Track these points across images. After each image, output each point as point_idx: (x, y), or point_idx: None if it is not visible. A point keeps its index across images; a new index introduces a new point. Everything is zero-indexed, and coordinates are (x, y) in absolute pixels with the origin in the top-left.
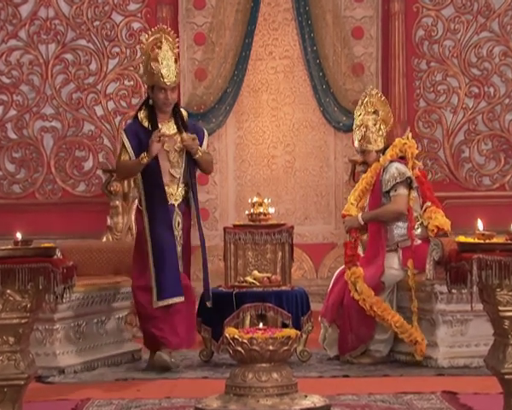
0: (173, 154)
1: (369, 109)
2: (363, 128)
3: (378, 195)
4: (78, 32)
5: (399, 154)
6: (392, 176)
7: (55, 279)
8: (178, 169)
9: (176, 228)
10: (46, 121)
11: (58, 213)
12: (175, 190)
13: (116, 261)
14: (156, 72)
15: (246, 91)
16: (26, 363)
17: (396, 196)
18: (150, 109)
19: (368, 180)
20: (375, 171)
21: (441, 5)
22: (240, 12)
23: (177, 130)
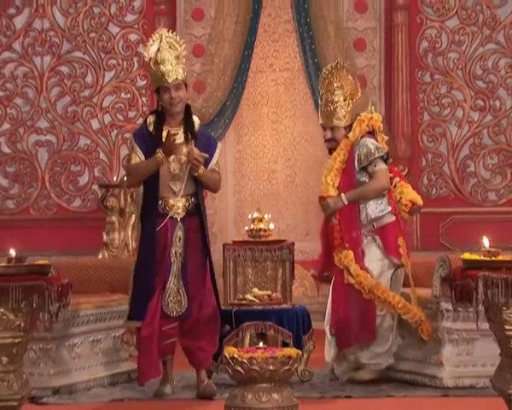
0: (176, 166)
1: (336, 84)
2: (331, 104)
3: (351, 172)
4: (74, 43)
5: (366, 129)
6: (370, 151)
7: (50, 297)
8: (178, 182)
9: (175, 244)
10: (41, 135)
11: (53, 229)
12: (176, 202)
13: (112, 279)
14: (157, 72)
15: (245, 104)
16: (20, 384)
17: (377, 171)
18: (159, 115)
19: (341, 158)
20: (347, 148)
21: (445, 16)
22: (239, 23)
23: (185, 139)
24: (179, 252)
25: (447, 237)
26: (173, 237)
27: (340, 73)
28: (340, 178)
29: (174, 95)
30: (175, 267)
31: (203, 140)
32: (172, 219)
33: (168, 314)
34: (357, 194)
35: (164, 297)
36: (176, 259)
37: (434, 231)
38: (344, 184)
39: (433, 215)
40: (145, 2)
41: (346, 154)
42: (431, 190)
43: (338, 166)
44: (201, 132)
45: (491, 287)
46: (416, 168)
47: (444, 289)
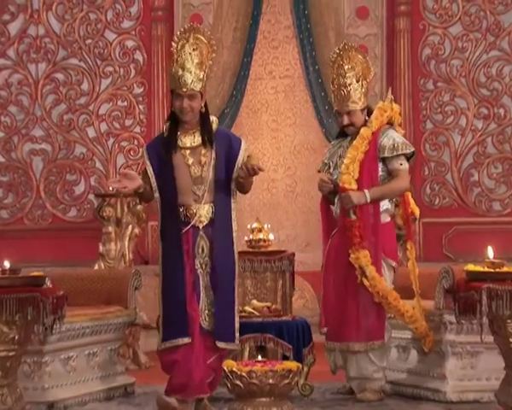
0: (197, 168)
1: (347, 66)
2: (344, 88)
3: (373, 166)
4: (70, 50)
5: (386, 120)
6: (397, 145)
7: (45, 310)
8: (202, 186)
9: (199, 255)
10: (35, 144)
11: (48, 239)
12: (199, 209)
13: (108, 291)
14: (174, 74)
15: (245, 112)
16: (14, 398)
17: (402, 170)
18: (173, 118)
19: (363, 149)
20: (368, 138)
21: (448, 23)
22: (238, 30)
23: (202, 142)
24: (204, 263)
25: (450, 248)
26: (195, 247)
27: (349, 54)
28: (360, 170)
29: (186, 104)
30: (204, 280)
31: (224, 140)
32: (194, 228)
33: (207, 330)
34: (381, 192)
35: (201, 312)
36: (202, 271)
37: (437, 241)
38: (366, 179)
39: (436, 225)
40: (142, 8)
41: (367, 145)
42: (434, 199)
43: (360, 157)
44: (222, 132)
45: (496, 299)
46: (419, 177)
47: (447, 301)
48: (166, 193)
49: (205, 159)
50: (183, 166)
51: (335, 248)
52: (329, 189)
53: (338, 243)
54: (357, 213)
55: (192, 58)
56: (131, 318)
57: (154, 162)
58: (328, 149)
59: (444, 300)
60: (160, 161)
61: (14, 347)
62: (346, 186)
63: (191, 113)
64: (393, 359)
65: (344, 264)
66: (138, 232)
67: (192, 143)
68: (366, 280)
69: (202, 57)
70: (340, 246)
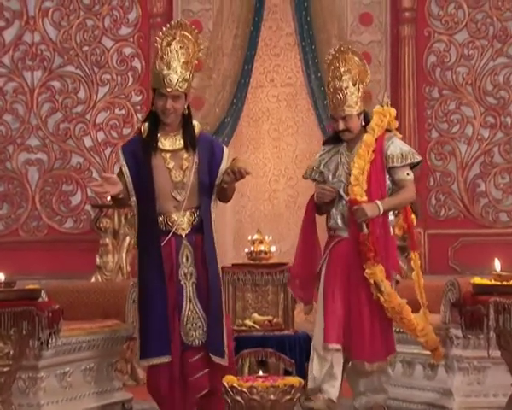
0: (178, 172)
1: (343, 68)
2: (340, 91)
3: (381, 176)
4: (66, 57)
5: (385, 126)
6: (405, 154)
7: (40, 324)
8: (183, 191)
9: (183, 264)
10: (31, 153)
11: (43, 251)
12: (180, 216)
13: (106, 304)
14: (158, 72)
15: (245, 121)
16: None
17: (409, 180)
18: (153, 118)
19: (369, 158)
20: (372, 145)
21: (454, 29)
22: (239, 37)
23: (184, 146)
24: (189, 273)
25: (456, 260)
26: (179, 256)
27: (345, 56)
28: (368, 181)
29: (169, 105)
30: (187, 290)
31: (206, 145)
32: (177, 237)
33: (190, 345)
34: (393, 203)
35: (182, 326)
36: (187, 281)
37: (443, 253)
38: (375, 190)
39: (441, 237)
40: (140, 14)
41: (371, 153)
42: (439, 210)
43: (367, 167)
44: (204, 136)
45: (503, 313)
46: (424, 188)
47: (453, 315)
48: (144, 198)
49: (187, 164)
50: (162, 169)
51: (342, 263)
52: (332, 198)
53: (345, 258)
54: (369, 227)
55: (178, 57)
56: (129, 332)
57: (131, 163)
58: (319, 154)
59: (450, 314)
60: (138, 163)
61: (9, 362)
62: (358, 198)
63: (174, 114)
64: (398, 374)
65: (357, 279)
66: None
67: (173, 146)
68: (381, 296)
69: (189, 56)
70: (350, 260)
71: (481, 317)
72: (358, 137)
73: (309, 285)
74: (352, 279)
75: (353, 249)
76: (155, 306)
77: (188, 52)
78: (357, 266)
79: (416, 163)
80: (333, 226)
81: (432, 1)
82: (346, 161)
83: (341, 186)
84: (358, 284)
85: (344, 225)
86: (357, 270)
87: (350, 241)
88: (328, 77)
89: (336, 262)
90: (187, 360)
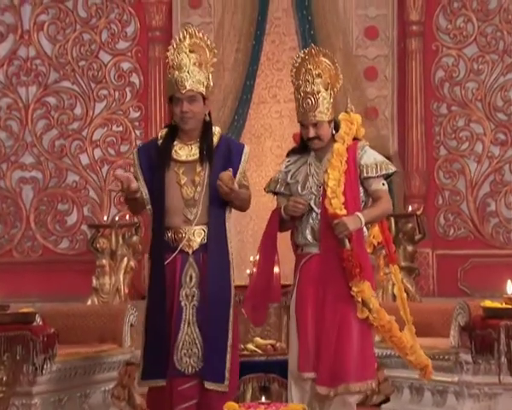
0: (189, 188)
1: (315, 72)
2: (312, 96)
3: (355, 187)
4: (62, 72)
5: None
6: (380, 164)
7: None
8: (194, 209)
9: (186, 284)
10: (25, 171)
11: (38, 273)
12: (189, 233)
13: (102, 328)
14: (171, 79)
15: (247, 138)
16: None
17: (385, 191)
18: (171, 128)
19: (343, 168)
20: (344, 155)
21: (463, 43)
22: (240, 51)
23: (199, 158)
24: (191, 295)
25: (466, 282)
26: (182, 275)
27: (316, 59)
28: (343, 193)
29: (186, 108)
30: (187, 313)
31: (222, 152)
32: (183, 254)
33: (182, 372)
34: (373, 215)
35: (176, 351)
36: (188, 303)
37: (452, 275)
38: (351, 202)
39: (450, 258)
40: (139, 28)
41: (344, 163)
42: (448, 230)
43: (343, 179)
44: (223, 142)
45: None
46: (432, 207)
47: (463, 340)
48: (156, 210)
49: (199, 179)
50: (174, 185)
51: (314, 282)
52: (304, 212)
53: (317, 275)
54: (351, 241)
55: (190, 58)
56: (127, 356)
57: (146, 170)
58: (283, 165)
59: (459, 338)
60: (151, 171)
61: (2, 388)
62: (338, 212)
63: (193, 119)
64: (406, 401)
65: (341, 298)
66: (134, 265)
67: (188, 156)
68: (370, 314)
69: (201, 59)
70: (323, 278)
71: (492, 341)
72: (328, 147)
73: (262, 307)
74: (328, 298)
75: (326, 266)
76: (153, 326)
77: (200, 56)
78: (334, 283)
79: (389, 174)
80: (301, 243)
81: (440, 14)
82: (315, 172)
83: (312, 198)
84: (335, 303)
85: (314, 240)
86: (333, 288)
87: (322, 257)
88: (298, 80)
89: (308, 281)
90: (175, 388)
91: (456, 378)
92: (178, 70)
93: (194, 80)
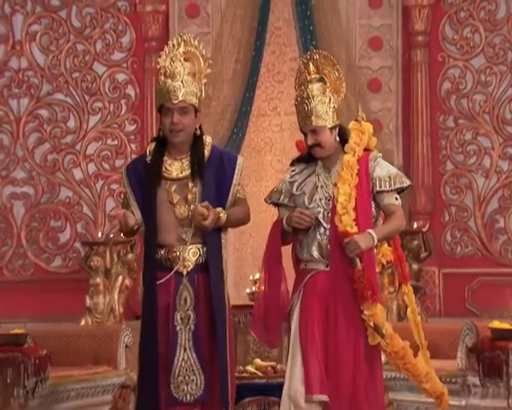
0: (182, 207)
1: (314, 75)
2: (307, 100)
3: (367, 202)
4: (55, 84)
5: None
6: (394, 177)
7: (26, 371)
8: (189, 228)
9: (180, 307)
10: (17, 187)
11: (29, 292)
12: (183, 251)
13: (96, 349)
14: (162, 87)
15: (247, 152)
16: None
17: (398, 206)
18: (160, 141)
19: (354, 182)
20: (355, 167)
21: (470, 54)
22: (240, 62)
23: (191, 174)
24: (187, 317)
25: (474, 302)
26: (177, 298)
27: (316, 63)
28: (355, 208)
29: (176, 120)
30: (183, 338)
31: (214, 165)
32: (177, 275)
33: (180, 400)
34: (386, 231)
35: (172, 378)
36: (183, 327)
37: (459, 294)
38: (362, 219)
39: (457, 277)
40: (134, 38)
41: (356, 177)
42: (455, 248)
43: (354, 193)
44: (214, 154)
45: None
46: (439, 224)
47: (470, 362)
48: (148, 229)
49: (191, 196)
50: (166, 205)
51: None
52: (310, 225)
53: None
54: (362, 261)
55: (184, 68)
56: (122, 379)
57: (136, 189)
58: (288, 175)
59: (467, 360)
60: (142, 190)
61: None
62: (349, 230)
63: (183, 132)
64: None
65: (353, 322)
66: (129, 284)
67: (179, 173)
68: (383, 340)
69: (195, 69)
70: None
71: (501, 364)
72: (336, 157)
73: (276, 326)
74: (340, 322)
75: (336, 286)
76: (146, 352)
77: (194, 65)
78: (345, 305)
79: (403, 188)
80: (305, 258)
81: (446, 24)
82: (324, 184)
83: (320, 212)
84: (348, 328)
85: (321, 256)
86: (345, 310)
87: (331, 275)
88: (296, 86)
89: (313, 299)
90: None
91: (463, 402)
92: (171, 78)
93: (188, 91)
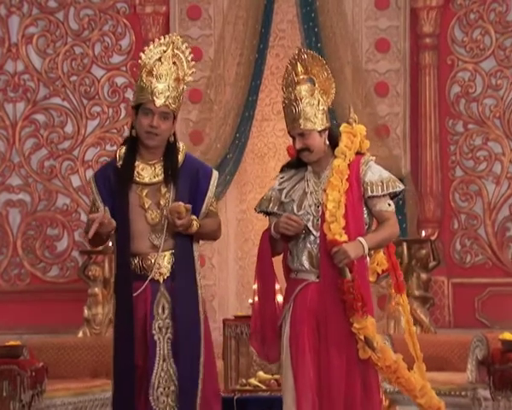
0: (154, 212)
1: (302, 76)
2: (295, 103)
3: (358, 208)
4: (52, 88)
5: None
6: (387, 181)
7: (22, 384)
8: (161, 234)
9: (158, 316)
10: (12, 194)
11: (25, 303)
12: (158, 258)
13: (95, 361)
14: (146, 85)
15: (249, 158)
16: None
17: (392, 213)
18: (131, 143)
19: (344, 187)
20: (345, 172)
21: (480, 57)
22: (242, 65)
23: (164, 179)
24: (165, 326)
25: (484, 313)
26: (154, 306)
27: (304, 62)
28: (345, 215)
29: (156, 123)
30: (161, 347)
31: (189, 173)
32: (153, 283)
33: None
34: (378, 239)
35: (151, 390)
36: (161, 336)
37: (469, 305)
38: (353, 226)
39: (467, 287)
40: (134, 40)
41: (346, 182)
42: (465, 257)
43: (343, 200)
44: (189, 163)
45: None
46: (447, 232)
47: (481, 375)
48: (119, 238)
49: (164, 201)
50: (137, 209)
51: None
52: (297, 232)
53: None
54: (353, 270)
55: (171, 71)
56: None
57: (105, 196)
58: (277, 182)
59: (477, 373)
60: (112, 196)
61: None
62: (337, 239)
63: (160, 137)
64: None
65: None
66: None
67: (151, 177)
68: (374, 354)
69: (179, 74)
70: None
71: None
72: (326, 162)
73: (273, 340)
74: (331, 337)
75: (326, 298)
76: (121, 366)
77: (178, 70)
78: (336, 319)
79: (397, 193)
80: (296, 268)
81: (455, 26)
82: (314, 190)
83: (310, 219)
84: (339, 343)
85: (311, 266)
86: (336, 324)
87: (321, 287)
88: (283, 87)
89: (303, 312)
90: None
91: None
92: (157, 79)
93: (172, 96)
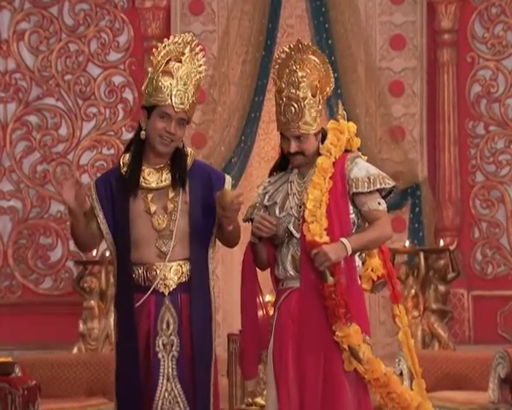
0: (161, 218)
1: (302, 73)
2: (296, 103)
3: (344, 208)
4: (45, 88)
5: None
6: (374, 177)
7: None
8: (168, 240)
9: (162, 332)
10: (3, 200)
11: (17, 316)
12: (164, 269)
13: (90, 379)
14: (163, 86)
15: (255, 161)
16: None
17: (382, 212)
18: (138, 147)
19: (327, 186)
20: (329, 171)
21: (502, 54)
22: (248, 63)
23: (172, 183)
24: (169, 343)
25: (507, 328)
26: (158, 321)
27: (303, 57)
28: (327, 215)
29: (174, 130)
30: (165, 366)
31: (201, 178)
32: (158, 295)
33: None
34: (364, 240)
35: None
36: (166, 354)
37: (491, 319)
38: (337, 226)
39: (489, 299)
40: (133, 37)
41: (329, 180)
42: (486, 267)
43: (325, 199)
44: (199, 167)
45: None
46: (468, 241)
47: (503, 393)
48: (120, 247)
49: (172, 205)
50: (142, 215)
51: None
52: (271, 233)
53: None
54: (336, 274)
55: (191, 76)
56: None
57: (106, 203)
58: (261, 187)
59: (499, 392)
60: (113, 203)
61: None
62: (317, 239)
63: (174, 143)
64: None
65: (326, 345)
66: None
67: (158, 182)
68: (360, 365)
69: (198, 81)
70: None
71: None
72: (313, 161)
73: (251, 355)
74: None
75: (307, 304)
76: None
77: (196, 75)
78: (316, 326)
79: (388, 191)
80: (281, 276)
81: (476, 21)
82: (296, 191)
83: (291, 221)
84: (318, 351)
85: (295, 271)
86: (315, 331)
87: (302, 292)
88: (281, 81)
89: (286, 322)
90: None
91: None
92: (177, 81)
93: (190, 101)
